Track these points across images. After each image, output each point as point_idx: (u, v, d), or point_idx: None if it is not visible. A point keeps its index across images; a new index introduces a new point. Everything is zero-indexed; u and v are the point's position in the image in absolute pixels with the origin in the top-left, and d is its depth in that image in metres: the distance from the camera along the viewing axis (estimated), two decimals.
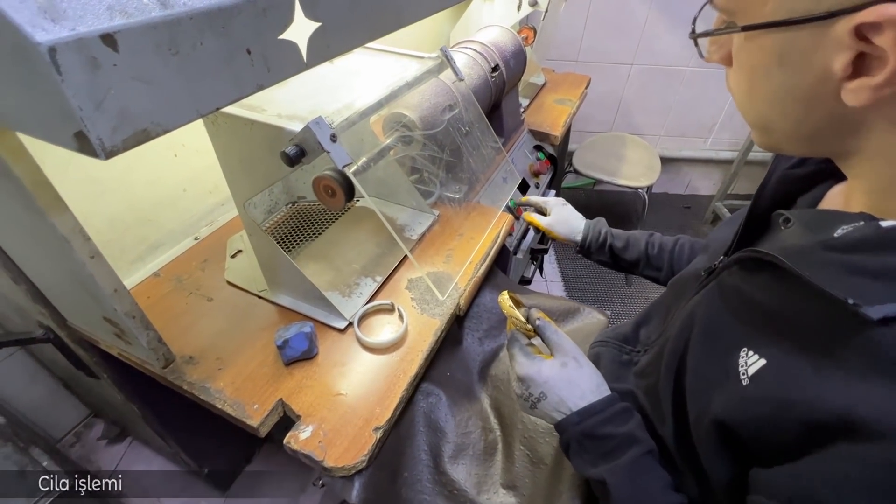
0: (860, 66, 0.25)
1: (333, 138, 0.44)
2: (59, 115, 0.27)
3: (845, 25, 0.24)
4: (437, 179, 0.87)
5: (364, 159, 0.58)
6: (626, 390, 0.53)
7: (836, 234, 0.30)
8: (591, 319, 0.79)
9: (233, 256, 0.76)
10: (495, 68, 0.95)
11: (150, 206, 0.74)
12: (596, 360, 0.60)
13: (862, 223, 0.29)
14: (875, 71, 0.24)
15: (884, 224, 0.28)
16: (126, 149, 0.30)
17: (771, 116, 0.31)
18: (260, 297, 0.69)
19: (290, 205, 0.89)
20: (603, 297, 1.73)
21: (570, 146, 1.93)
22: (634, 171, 1.72)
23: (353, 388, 0.58)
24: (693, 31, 0.34)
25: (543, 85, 1.47)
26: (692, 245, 0.70)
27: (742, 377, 0.32)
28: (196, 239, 0.80)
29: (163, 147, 0.74)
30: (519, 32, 1.29)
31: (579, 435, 0.43)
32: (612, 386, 0.54)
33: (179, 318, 0.66)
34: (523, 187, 1.06)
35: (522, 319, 0.51)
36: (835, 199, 0.38)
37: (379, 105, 0.52)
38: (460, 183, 0.89)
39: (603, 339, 0.62)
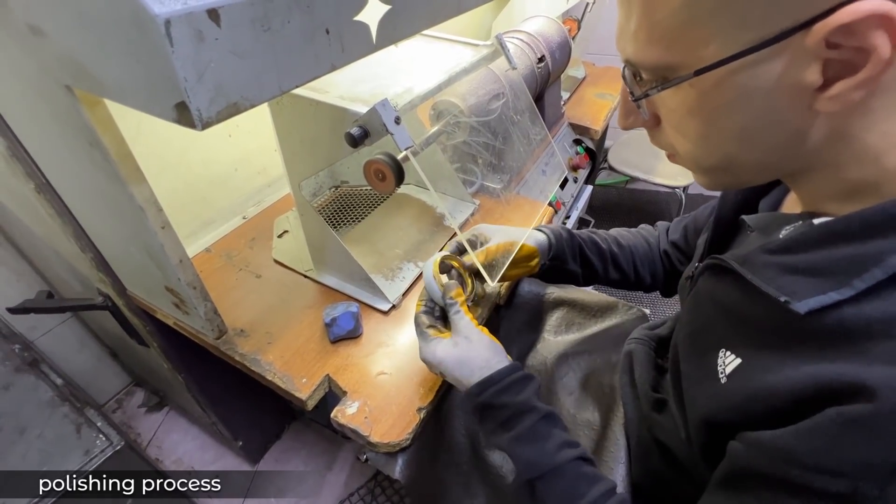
0: (830, 73, 0.25)
1: (397, 121, 0.45)
2: (163, 85, 0.28)
3: (813, 37, 0.23)
4: (478, 169, 0.87)
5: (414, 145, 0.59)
6: (661, 399, 0.53)
7: (780, 236, 0.33)
8: (630, 316, 0.78)
9: (279, 236, 0.78)
10: (541, 59, 0.94)
11: (204, 184, 0.77)
12: (630, 357, 0.59)
13: (800, 223, 0.33)
14: (847, 73, 0.24)
15: (815, 222, 0.30)
16: (219, 121, 0.31)
17: (735, 153, 0.31)
18: (306, 277, 0.71)
19: (332, 188, 0.91)
20: (632, 295, 1.70)
21: (606, 143, 1.89)
22: (672, 169, 1.68)
23: (397, 369, 0.59)
24: (632, 95, 0.33)
25: (584, 78, 1.45)
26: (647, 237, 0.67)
27: (721, 376, 0.34)
28: (244, 218, 0.83)
29: (219, 127, 0.76)
30: (563, 24, 1.28)
31: (480, 406, 0.46)
32: (650, 394, 0.53)
33: (230, 293, 0.68)
34: (562, 182, 1.05)
35: (438, 295, 0.52)
36: (792, 202, 0.39)
37: (439, 89, 0.53)
38: (501, 173, 0.89)
39: (639, 337, 0.61)
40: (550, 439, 0.43)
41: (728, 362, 0.33)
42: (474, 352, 0.48)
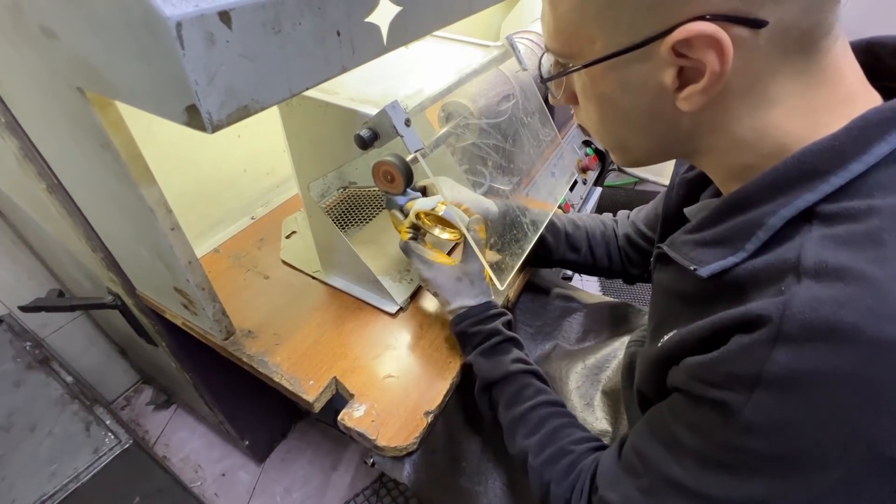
0: (685, 77, 0.30)
1: (407, 123, 0.45)
2: (174, 88, 0.28)
3: (664, 46, 0.28)
4: (487, 171, 0.87)
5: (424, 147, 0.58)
6: None
7: None
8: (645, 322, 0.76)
9: (287, 237, 0.78)
10: None
11: (214, 184, 0.77)
12: (632, 360, 0.58)
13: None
14: (697, 78, 0.29)
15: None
16: (229, 124, 0.31)
17: (625, 135, 0.37)
18: (314, 278, 0.71)
19: (341, 189, 0.91)
20: (638, 295, 1.69)
21: None
22: None
23: (404, 372, 0.59)
24: (541, 77, 0.39)
25: None
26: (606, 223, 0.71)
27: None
28: (252, 218, 0.83)
29: (228, 128, 0.76)
30: None
31: (458, 333, 0.57)
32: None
33: (238, 294, 0.68)
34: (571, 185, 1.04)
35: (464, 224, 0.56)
36: None
37: (449, 91, 0.52)
38: (511, 175, 0.88)
39: (640, 339, 0.61)
40: (509, 354, 0.53)
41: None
42: (472, 292, 0.57)
